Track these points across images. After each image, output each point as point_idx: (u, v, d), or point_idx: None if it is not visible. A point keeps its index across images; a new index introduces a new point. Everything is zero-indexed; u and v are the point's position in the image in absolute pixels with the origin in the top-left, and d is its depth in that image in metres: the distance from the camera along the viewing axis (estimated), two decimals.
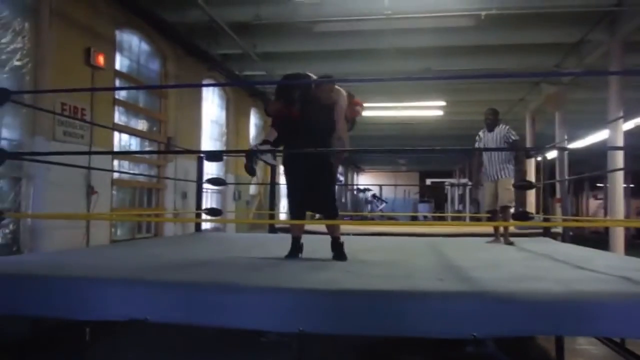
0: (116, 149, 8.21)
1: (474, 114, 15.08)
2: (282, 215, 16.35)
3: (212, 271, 3.57)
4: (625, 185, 11.99)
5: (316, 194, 4.42)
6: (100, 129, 7.07)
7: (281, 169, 5.14)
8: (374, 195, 26.75)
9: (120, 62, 8.40)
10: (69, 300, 3.00)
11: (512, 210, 6.58)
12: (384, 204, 26.67)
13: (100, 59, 7.30)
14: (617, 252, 8.49)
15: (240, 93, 13.38)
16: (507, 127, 6.53)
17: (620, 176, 9.77)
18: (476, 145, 6.79)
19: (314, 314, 2.79)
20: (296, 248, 4.51)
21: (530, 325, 2.68)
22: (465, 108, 15.04)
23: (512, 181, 6.42)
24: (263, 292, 2.89)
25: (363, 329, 2.77)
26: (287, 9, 8.43)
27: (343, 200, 26.63)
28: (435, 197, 29.69)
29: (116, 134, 8.24)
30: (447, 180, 29.84)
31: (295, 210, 4.58)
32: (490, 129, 6.56)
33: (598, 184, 30.05)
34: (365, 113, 5.47)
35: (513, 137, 6.44)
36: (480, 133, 6.72)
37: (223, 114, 12.86)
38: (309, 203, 4.55)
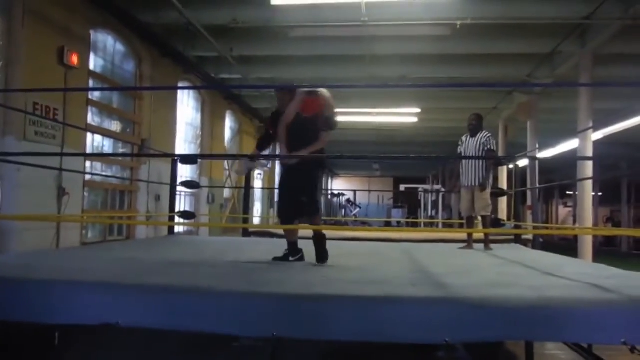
0: (89, 150, 8.10)
1: (448, 121, 15.35)
2: (256, 220, 16.30)
3: (186, 275, 3.54)
4: (594, 194, 12.27)
5: (297, 197, 4.49)
6: (73, 129, 6.94)
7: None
8: (348, 200, 26.81)
9: (94, 62, 8.31)
10: (38, 303, 2.93)
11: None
12: (358, 209, 26.76)
13: (74, 59, 7.20)
14: (586, 259, 8.65)
15: (216, 96, 13.32)
16: (489, 135, 6.42)
17: (589, 185, 9.99)
18: (459, 149, 6.68)
19: (288, 319, 2.78)
20: (289, 252, 4.56)
21: (502, 331, 2.72)
22: (439, 115, 15.23)
23: (489, 189, 6.43)
24: (237, 296, 2.87)
25: (337, 334, 2.78)
26: (264, 14, 8.43)
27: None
28: (408, 203, 29.88)
29: (89, 135, 8.13)
30: (421, 187, 30.07)
31: (282, 216, 4.67)
32: (473, 134, 6.45)
33: (568, 192, 30.65)
34: (340, 118, 5.52)
35: (489, 146, 6.34)
36: (463, 138, 6.60)
37: (198, 117, 12.78)
38: (293, 208, 4.59)
